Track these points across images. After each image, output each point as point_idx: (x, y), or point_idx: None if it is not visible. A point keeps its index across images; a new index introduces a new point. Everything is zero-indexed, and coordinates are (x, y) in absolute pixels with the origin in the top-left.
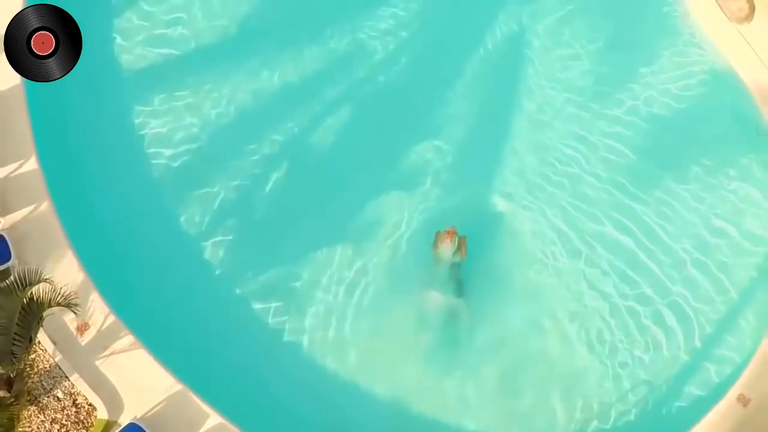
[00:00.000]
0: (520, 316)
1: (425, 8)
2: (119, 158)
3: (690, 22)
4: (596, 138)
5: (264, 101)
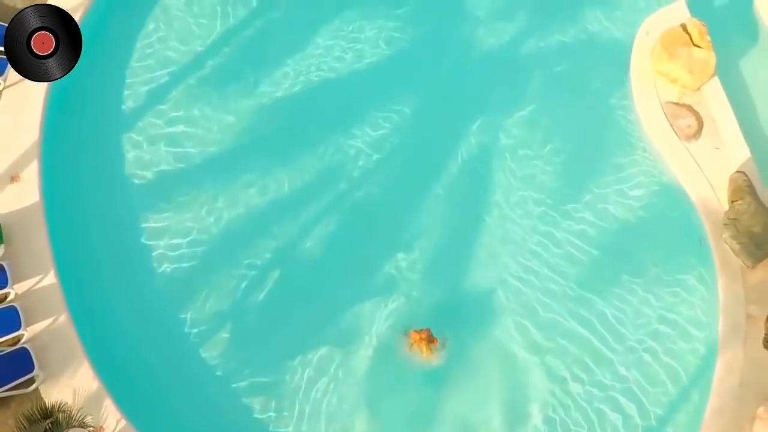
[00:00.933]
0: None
1: (404, 124)
2: (129, 273)
3: (644, 137)
4: (561, 236)
5: (255, 213)
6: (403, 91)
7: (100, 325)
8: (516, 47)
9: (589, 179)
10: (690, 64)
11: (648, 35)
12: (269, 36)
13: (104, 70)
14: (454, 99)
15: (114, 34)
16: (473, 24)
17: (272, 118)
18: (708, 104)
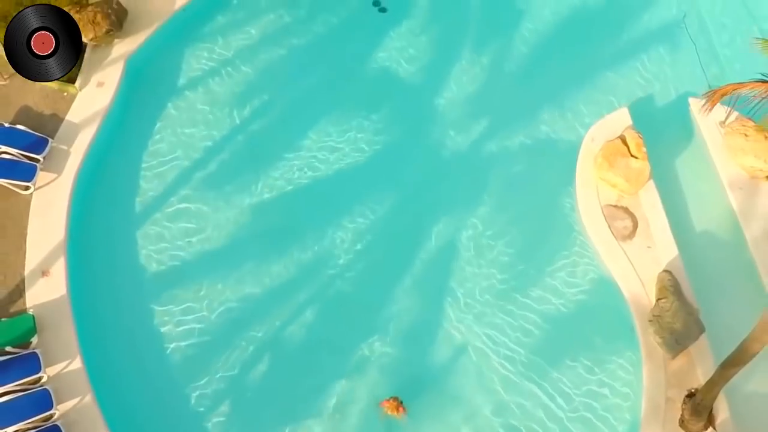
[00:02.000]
0: None
1: (380, 218)
2: (143, 355)
3: (585, 234)
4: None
5: (250, 298)
6: (380, 188)
7: (120, 401)
8: (478, 149)
9: (537, 270)
10: (627, 173)
11: (593, 141)
12: (266, 138)
13: (118, 176)
14: (425, 195)
15: (126, 142)
16: (441, 128)
17: (266, 213)
18: (643, 207)
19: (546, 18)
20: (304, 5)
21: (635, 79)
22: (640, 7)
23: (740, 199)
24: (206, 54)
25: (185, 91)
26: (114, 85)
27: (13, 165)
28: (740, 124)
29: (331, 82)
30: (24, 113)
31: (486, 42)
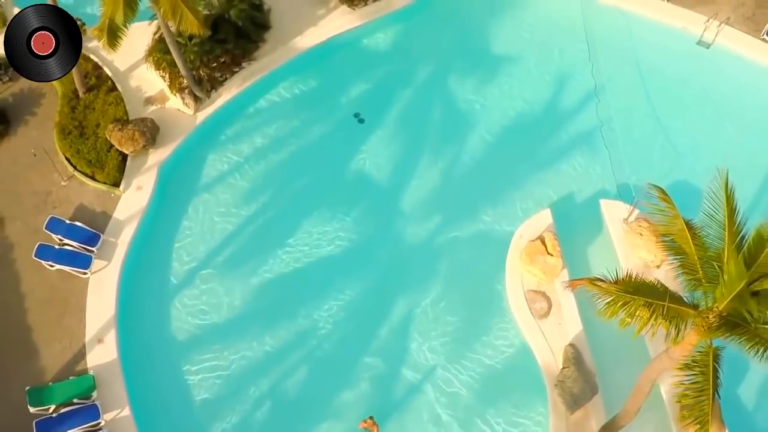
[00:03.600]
0: None
1: (354, 298)
2: (177, 403)
3: (510, 313)
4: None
5: (255, 360)
6: (355, 271)
7: None
8: (432, 241)
9: (475, 337)
10: (544, 267)
11: (521, 238)
12: (268, 230)
13: (155, 263)
14: (390, 277)
15: (161, 234)
16: (403, 223)
17: (267, 291)
18: (557, 292)
19: (489, 130)
20: (299, 118)
21: (558, 182)
22: (566, 118)
23: None
24: (220, 159)
25: (205, 191)
26: (150, 188)
27: (74, 255)
28: (637, 224)
29: (319, 183)
30: (80, 211)
31: (440, 150)
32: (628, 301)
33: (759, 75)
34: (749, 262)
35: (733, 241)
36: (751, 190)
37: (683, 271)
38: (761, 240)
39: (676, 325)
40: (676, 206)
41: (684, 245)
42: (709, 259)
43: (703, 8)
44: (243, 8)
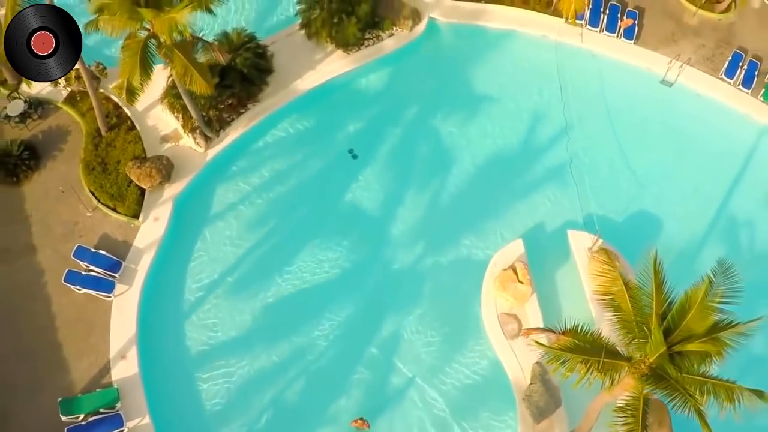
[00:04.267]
0: None
1: (348, 317)
2: (191, 410)
3: (485, 333)
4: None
5: (260, 370)
6: (348, 293)
7: None
8: (418, 264)
9: (454, 353)
10: (515, 294)
11: (495, 265)
12: (271, 256)
13: (171, 287)
14: (380, 298)
15: (175, 260)
16: (392, 250)
17: (269, 311)
18: (527, 315)
19: (469, 164)
20: (299, 153)
21: (531, 213)
22: (540, 154)
23: (597, 308)
24: (229, 192)
25: (215, 220)
26: (166, 219)
27: (99, 281)
28: (600, 253)
29: (317, 213)
30: (104, 240)
31: (426, 182)
32: (567, 359)
33: (717, 112)
34: (672, 327)
35: (659, 309)
36: (706, 218)
37: (620, 326)
38: (682, 310)
39: (611, 376)
40: (618, 268)
41: (622, 304)
42: (639, 322)
43: (667, 50)
44: (247, 57)
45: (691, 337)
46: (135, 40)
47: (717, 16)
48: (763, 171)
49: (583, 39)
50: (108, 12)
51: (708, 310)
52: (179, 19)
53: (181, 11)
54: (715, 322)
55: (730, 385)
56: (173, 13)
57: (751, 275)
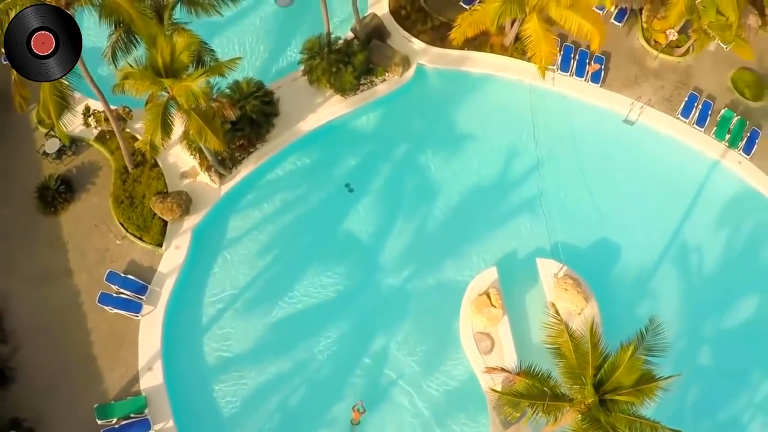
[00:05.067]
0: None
1: (345, 334)
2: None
3: (462, 349)
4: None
5: (267, 380)
6: (344, 312)
7: None
8: (405, 287)
9: (435, 366)
10: (489, 316)
11: (472, 290)
12: (276, 279)
13: (190, 307)
14: (373, 316)
15: (194, 284)
16: (383, 274)
17: (276, 327)
18: (500, 334)
19: (452, 197)
20: (302, 188)
21: (505, 242)
22: (514, 188)
23: None
24: (241, 223)
25: (228, 248)
26: (186, 247)
27: (128, 302)
28: (563, 281)
29: (318, 241)
30: (132, 265)
31: (413, 214)
32: (517, 403)
33: (674, 148)
34: (605, 379)
35: (595, 362)
36: (662, 244)
37: (564, 371)
38: (613, 365)
39: (554, 415)
40: (564, 323)
41: (566, 353)
42: (579, 373)
43: (630, 91)
44: (256, 104)
45: (620, 388)
46: (157, 103)
47: (676, 59)
48: (713, 201)
49: (555, 82)
50: (132, 79)
51: (635, 367)
52: (194, 87)
53: (197, 80)
54: (641, 375)
55: (654, 424)
56: (189, 81)
57: (700, 293)
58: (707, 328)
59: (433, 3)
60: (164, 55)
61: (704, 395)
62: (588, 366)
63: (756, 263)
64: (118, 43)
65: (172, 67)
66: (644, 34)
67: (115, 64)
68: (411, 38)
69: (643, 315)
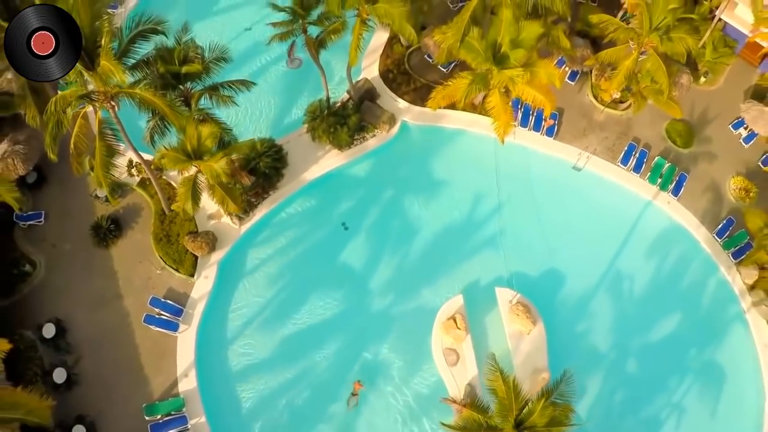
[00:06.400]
0: None
1: (342, 347)
2: (230, 414)
3: (434, 360)
4: (400, 391)
5: (279, 384)
6: (340, 330)
7: None
8: (389, 309)
9: (413, 374)
10: (455, 336)
11: (442, 314)
12: (286, 303)
13: (217, 325)
14: (363, 333)
15: (221, 306)
16: (371, 298)
17: (287, 342)
18: (464, 349)
19: (429, 233)
20: (306, 226)
21: (471, 273)
22: (479, 227)
23: (513, 344)
24: (257, 256)
25: (247, 277)
26: (213, 277)
27: (168, 322)
28: (516, 307)
29: (319, 270)
30: (170, 291)
31: (397, 248)
32: None
33: (614, 191)
34: (525, 418)
35: (517, 407)
36: (602, 272)
37: (497, 407)
38: (530, 412)
39: None
40: (501, 369)
41: (500, 394)
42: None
43: (579, 142)
44: (268, 161)
45: (535, 427)
46: (188, 177)
47: (619, 112)
48: (645, 235)
49: (516, 136)
50: (167, 158)
51: (545, 414)
52: (216, 167)
53: (218, 161)
54: (551, 418)
55: None
56: (212, 162)
57: (631, 313)
58: (635, 342)
59: (415, 66)
60: (192, 142)
61: (629, 397)
62: (513, 408)
63: (678, 287)
64: (155, 129)
65: (198, 150)
66: (593, 90)
67: (153, 145)
68: (397, 98)
69: (581, 333)
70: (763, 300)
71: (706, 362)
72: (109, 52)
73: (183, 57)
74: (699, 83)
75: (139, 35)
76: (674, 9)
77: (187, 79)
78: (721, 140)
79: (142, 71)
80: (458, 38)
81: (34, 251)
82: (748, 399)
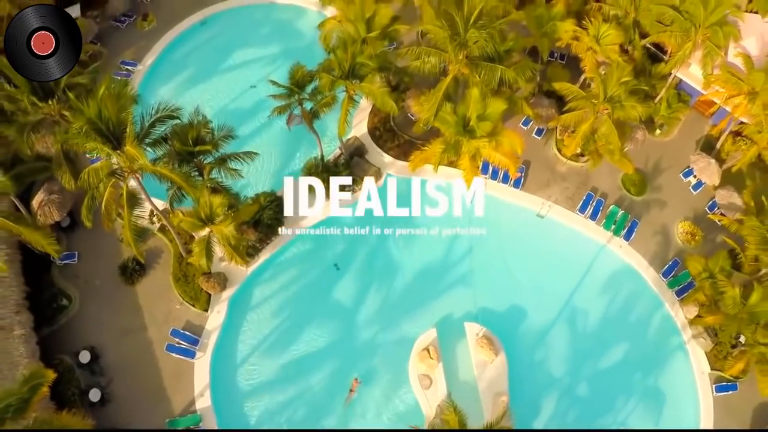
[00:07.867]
0: None
1: (335, 370)
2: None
3: (411, 385)
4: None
5: (285, 397)
6: (333, 356)
7: None
8: (373, 339)
9: (391, 394)
10: (428, 364)
11: (418, 345)
12: (285, 334)
13: (229, 353)
14: (351, 358)
15: (231, 338)
16: (358, 329)
17: (287, 367)
18: (436, 376)
19: (408, 273)
20: (303, 267)
21: (445, 308)
22: (452, 267)
23: (479, 371)
24: (261, 293)
25: (253, 310)
26: (224, 311)
27: (186, 350)
28: (481, 340)
29: (314, 305)
30: (188, 324)
31: (382, 285)
32: None
33: (573, 236)
34: None
35: None
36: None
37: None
38: None
39: None
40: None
41: (451, 422)
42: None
43: (543, 192)
44: (270, 213)
45: None
46: (202, 237)
47: (580, 164)
48: (598, 275)
49: (486, 187)
50: (184, 222)
51: None
52: (226, 231)
53: (228, 226)
54: None
55: None
56: (222, 226)
57: (584, 343)
58: (587, 369)
59: (400, 123)
60: (205, 210)
61: (581, 417)
62: None
63: (628, 321)
64: (173, 197)
65: (211, 216)
66: (557, 144)
67: (172, 209)
68: (383, 153)
69: (539, 361)
70: (701, 333)
71: (650, 387)
72: (133, 138)
73: (196, 136)
74: (654, 135)
75: (158, 120)
76: (626, 82)
77: (200, 154)
78: (672, 188)
79: (161, 146)
80: (433, 112)
81: (69, 286)
82: (687, 418)
